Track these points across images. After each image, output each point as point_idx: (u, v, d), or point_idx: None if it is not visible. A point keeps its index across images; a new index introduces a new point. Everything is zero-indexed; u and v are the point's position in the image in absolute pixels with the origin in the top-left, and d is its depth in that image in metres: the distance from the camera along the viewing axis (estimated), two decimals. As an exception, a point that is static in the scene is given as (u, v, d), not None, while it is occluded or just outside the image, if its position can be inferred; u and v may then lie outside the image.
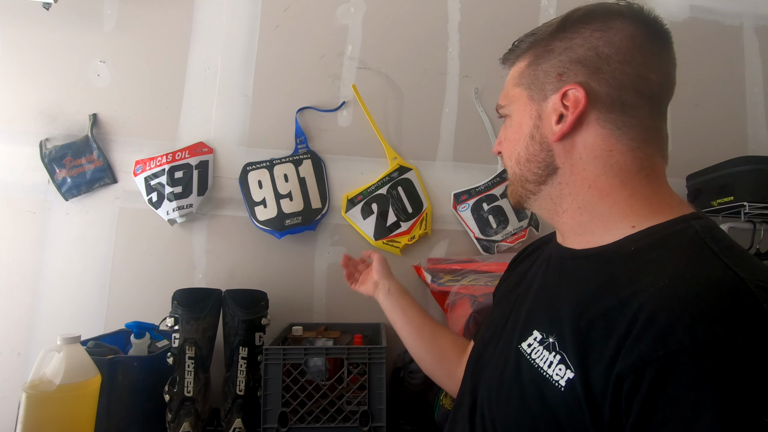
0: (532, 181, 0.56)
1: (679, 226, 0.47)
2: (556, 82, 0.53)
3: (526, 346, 0.51)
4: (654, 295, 0.40)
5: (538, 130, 0.54)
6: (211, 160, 1.27)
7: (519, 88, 0.57)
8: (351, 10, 1.34)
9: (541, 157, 0.54)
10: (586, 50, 0.51)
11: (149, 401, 0.97)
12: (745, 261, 0.41)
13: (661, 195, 0.51)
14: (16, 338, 1.21)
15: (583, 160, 0.52)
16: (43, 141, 1.24)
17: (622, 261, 0.47)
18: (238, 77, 1.31)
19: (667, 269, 0.42)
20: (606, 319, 0.43)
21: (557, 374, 0.44)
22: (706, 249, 0.43)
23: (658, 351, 0.37)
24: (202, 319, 1.00)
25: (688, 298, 0.38)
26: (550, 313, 0.51)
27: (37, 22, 1.25)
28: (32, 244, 1.23)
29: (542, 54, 0.54)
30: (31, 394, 0.82)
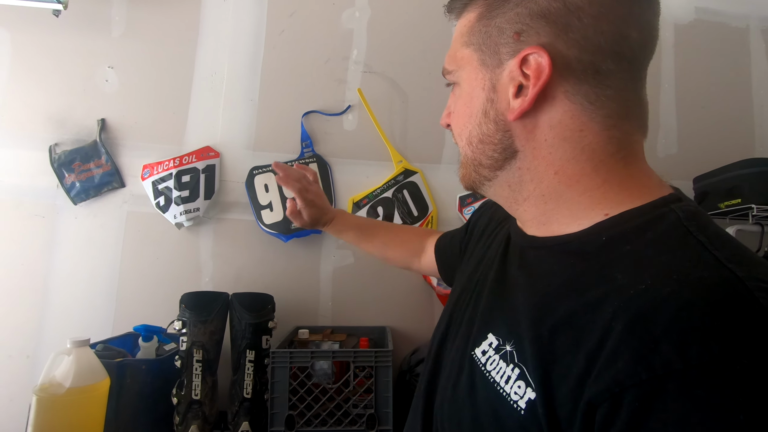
0: (487, 166, 0.45)
1: (658, 211, 0.38)
2: (513, 42, 0.40)
3: (480, 354, 0.43)
4: (632, 300, 0.32)
5: (492, 105, 0.43)
6: (218, 164, 1.28)
7: (468, 48, 0.44)
8: (356, 15, 1.35)
9: (497, 138, 0.43)
10: (555, 3, 0.39)
11: (157, 404, 0.98)
12: (739, 255, 0.33)
13: (638, 177, 0.42)
14: (26, 341, 1.22)
15: (548, 143, 0.41)
16: (53, 146, 1.25)
17: (591, 254, 0.39)
18: (244, 82, 1.32)
19: (648, 267, 0.33)
20: (572, 325, 0.35)
21: (515, 393, 0.37)
22: (691, 240, 0.34)
23: (640, 374, 0.29)
24: (210, 323, 1.00)
25: (678, 305, 0.30)
26: (508, 314, 0.43)
27: (46, 29, 1.27)
28: (41, 248, 1.24)
29: (495, 4, 0.42)
30: (41, 397, 0.82)
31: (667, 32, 1.40)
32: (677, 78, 1.39)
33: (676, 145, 1.37)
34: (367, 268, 1.28)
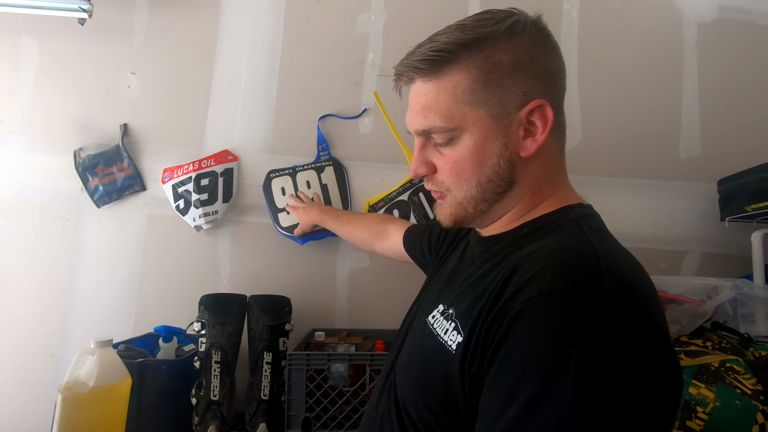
0: (489, 200, 0.55)
1: (566, 212, 0.53)
2: (520, 97, 0.52)
3: (431, 318, 0.56)
4: (523, 257, 0.47)
5: (506, 148, 0.53)
6: (236, 167, 1.30)
7: (470, 106, 0.52)
8: (372, 18, 1.35)
9: (506, 174, 0.54)
10: (533, 64, 0.52)
11: (177, 404, 1.00)
12: (606, 239, 0.49)
13: (564, 186, 0.57)
14: (50, 340, 1.25)
15: (535, 170, 0.55)
16: (77, 150, 1.29)
17: (518, 242, 0.53)
18: (261, 86, 1.33)
19: (542, 241, 0.49)
20: (487, 283, 0.49)
21: (450, 339, 0.49)
22: (578, 228, 0.50)
23: (516, 301, 0.43)
24: (228, 324, 1.02)
25: (548, 259, 0.44)
26: (452, 289, 0.56)
27: (72, 37, 1.30)
28: (66, 250, 1.28)
29: (487, 67, 0.51)
30: (66, 396, 0.85)
31: (690, 32, 1.37)
32: (700, 78, 1.36)
33: (699, 147, 1.33)
34: (383, 270, 1.28)
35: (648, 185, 1.33)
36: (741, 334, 0.92)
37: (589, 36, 1.36)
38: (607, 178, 1.33)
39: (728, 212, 1.18)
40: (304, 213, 1.20)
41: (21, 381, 1.24)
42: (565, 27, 1.36)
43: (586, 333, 0.38)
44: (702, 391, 0.76)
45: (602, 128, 1.34)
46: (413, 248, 0.93)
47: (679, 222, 1.32)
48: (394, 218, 1.13)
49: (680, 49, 1.37)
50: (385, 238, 1.05)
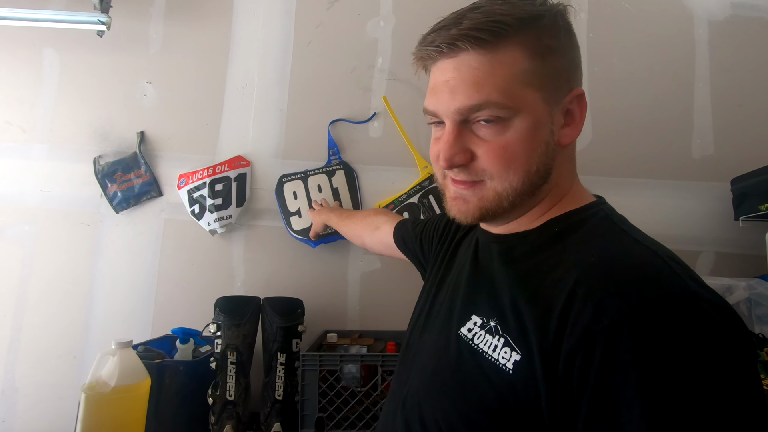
0: (527, 194, 0.51)
1: (592, 210, 0.52)
2: (566, 83, 0.51)
3: (466, 331, 0.51)
4: (586, 271, 0.44)
5: (552, 137, 0.50)
6: (249, 172, 1.32)
7: (529, 88, 0.49)
8: (381, 24, 1.37)
9: (549, 164, 0.51)
10: (573, 53, 0.53)
11: (194, 404, 1.02)
12: (647, 238, 0.49)
13: (577, 185, 0.56)
14: (73, 342, 1.30)
15: (564, 162, 0.53)
16: (96, 158, 1.33)
17: (550, 242, 0.51)
18: (273, 92, 1.36)
19: (592, 247, 0.47)
20: (543, 297, 0.45)
21: (503, 357, 0.45)
22: (616, 227, 0.50)
23: (603, 321, 0.39)
24: (243, 326, 1.04)
25: (619, 270, 0.43)
26: (487, 297, 0.52)
27: (91, 48, 1.35)
28: (86, 254, 1.32)
29: (540, 49, 0.49)
30: (89, 395, 0.88)
31: (701, 30, 1.36)
32: (712, 76, 1.34)
33: (712, 146, 1.32)
34: (394, 272, 1.29)
35: (660, 185, 1.32)
36: (756, 335, 0.91)
37: (599, 36, 1.36)
38: (618, 178, 1.33)
39: (742, 211, 1.16)
40: (317, 214, 1.24)
41: (45, 382, 1.28)
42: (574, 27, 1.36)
43: (702, 345, 0.37)
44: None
45: (613, 129, 1.34)
46: (405, 243, 0.90)
47: (693, 222, 1.31)
48: (388, 212, 1.12)
49: (692, 47, 1.36)
50: (375, 230, 1.04)
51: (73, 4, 1.37)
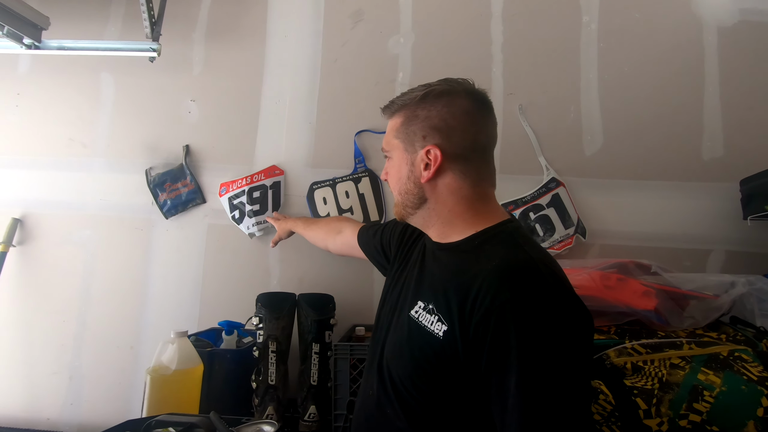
0: (410, 206, 0.77)
1: (500, 228, 0.73)
2: (422, 140, 0.74)
3: (413, 313, 0.74)
4: (489, 272, 0.65)
5: (412, 173, 0.75)
6: (283, 180, 1.45)
7: (396, 140, 0.77)
8: (401, 41, 1.48)
9: (414, 192, 0.76)
10: (439, 121, 0.73)
11: (240, 388, 1.15)
12: (535, 248, 0.70)
13: (490, 210, 0.76)
14: (130, 335, 1.45)
15: (443, 195, 0.75)
16: (148, 169, 1.49)
17: (469, 252, 0.72)
18: (303, 107, 1.49)
19: (495, 256, 0.68)
20: (462, 289, 0.67)
21: (437, 329, 0.68)
22: (514, 241, 0.71)
23: (494, 304, 0.62)
24: (281, 319, 1.16)
25: (505, 270, 0.65)
26: (428, 288, 0.75)
27: (142, 71, 1.51)
28: (140, 256, 1.48)
29: (411, 117, 0.75)
30: (153, 377, 1.02)
31: (710, 36, 1.41)
32: (722, 81, 1.39)
33: (721, 148, 1.37)
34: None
35: (671, 186, 1.38)
36: (757, 328, 0.97)
37: (609, 46, 1.43)
38: (630, 181, 1.39)
39: (750, 211, 1.21)
40: (282, 223, 1.37)
41: (107, 369, 1.44)
42: (584, 38, 1.44)
43: (551, 321, 0.60)
44: (710, 378, 0.83)
45: (624, 133, 1.40)
46: (368, 246, 1.09)
47: (703, 221, 1.36)
48: (349, 219, 1.30)
49: (701, 53, 1.41)
50: (337, 234, 1.21)
51: (126, 34, 1.55)
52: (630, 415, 0.83)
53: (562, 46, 1.44)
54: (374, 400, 0.76)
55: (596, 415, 0.85)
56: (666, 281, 1.06)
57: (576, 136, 1.41)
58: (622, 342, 0.92)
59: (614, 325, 1.02)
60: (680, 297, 1.01)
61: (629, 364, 0.87)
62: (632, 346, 0.91)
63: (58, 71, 1.55)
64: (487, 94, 0.77)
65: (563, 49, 1.44)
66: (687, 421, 0.80)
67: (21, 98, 1.56)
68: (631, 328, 1.01)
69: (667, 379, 0.84)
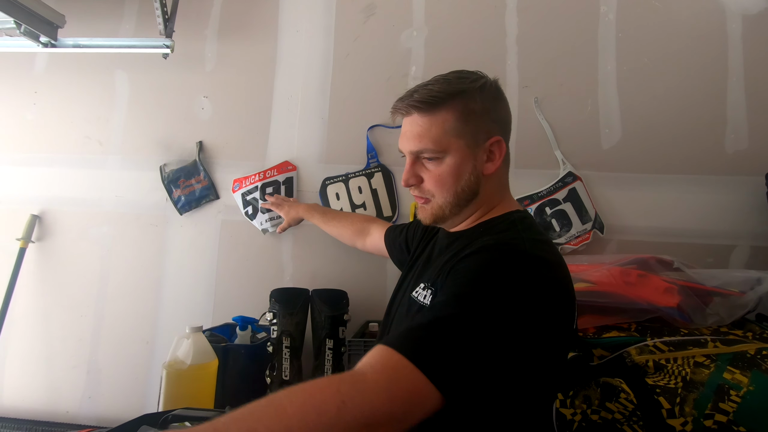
0: (461, 205, 0.76)
1: (508, 216, 0.76)
2: (486, 134, 0.74)
3: (415, 294, 0.76)
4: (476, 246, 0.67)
5: (475, 168, 0.74)
6: (295, 176, 1.45)
7: (454, 137, 0.73)
8: (414, 34, 1.46)
9: (474, 186, 0.75)
10: (498, 115, 0.76)
11: (254, 382, 1.16)
12: (533, 231, 0.72)
13: (508, 199, 0.80)
14: (145, 329, 1.47)
15: (493, 185, 0.77)
16: (162, 166, 1.50)
17: (475, 237, 0.73)
18: (316, 102, 1.48)
19: (492, 236, 0.71)
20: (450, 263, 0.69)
21: (426, 299, 0.72)
22: (513, 227, 0.73)
23: (467, 251, 0.66)
24: (295, 315, 1.16)
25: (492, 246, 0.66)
26: (430, 271, 0.78)
27: (155, 69, 1.51)
28: (155, 252, 1.49)
29: (466, 112, 0.72)
30: (169, 372, 1.02)
31: (734, 24, 1.36)
32: (747, 70, 1.34)
33: (746, 141, 1.33)
34: (430, 267, 1.38)
35: (693, 180, 1.34)
36: (788, 324, 0.94)
37: (627, 36, 1.39)
38: (650, 175, 1.35)
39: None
40: (291, 208, 1.33)
41: (123, 363, 1.46)
42: (602, 29, 1.40)
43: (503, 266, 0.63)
44: (736, 377, 0.80)
45: (644, 126, 1.36)
46: (392, 247, 1.10)
47: (726, 216, 1.32)
48: (375, 218, 1.28)
49: (724, 42, 1.36)
50: (367, 236, 1.21)
51: (140, 31, 1.55)
52: (652, 415, 0.80)
53: (578, 37, 1.40)
54: None
55: (617, 414, 0.83)
56: (689, 277, 1.03)
57: (593, 129, 1.38)
58: (643, 339, 0.90)
59: (635, 323, 0.99)
60: (704, 294, 0.98)
61: (651, 362, 0.85)
62: (654, 344, 0.88)
63: (73, 69, 1.57)
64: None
65: (580, 40, 1.40)
66: (713, 421, 0.78)
67: (38, 96, 1.58)
68: (653, 325, 0.98)
69: (692, 377, 0.82)
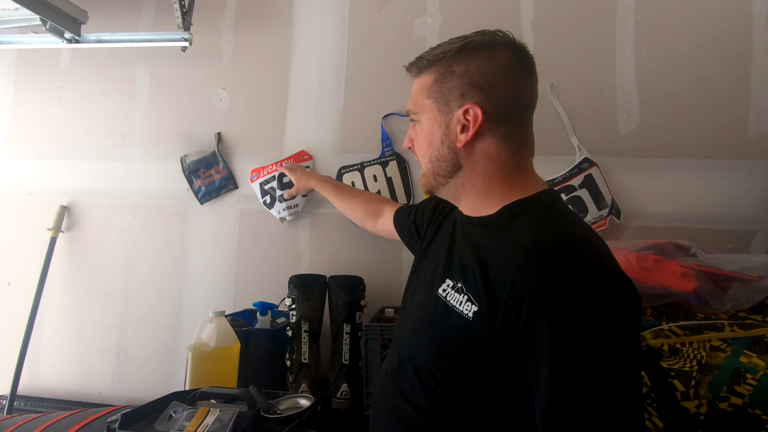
0: (442, 175, 0.71)
1: (535, 199, 0.67)
2: (459, 99, 0.67)
3: (441, 291, 0.68)
4: (521, 251, 0.60)
5: (446, 137, 0.69)
6: (312, 165, 1.47)
7: (428, 100, 0.70)
8: (428, 21, 1.46)
9: (448, 158, 0.70)
10: (479, 77, 0.66)
11: (274, 365, 1.20)
12: (574, 221, 0.65)
13: (527, 179, 0.70)
14: (169, 315, 1.53)
15: (480, 162, 0.69)
16: (183, 157, 1.54)
17: (501, 228, 0.66)
18: (330, 92, 1.50)
19: (528, 231, 0.63)
20: (492, 268, 0.61)
21: (465, 309, 0.62)
22: (549, 216, 0.65)
23: (527, 288, 0.55)
24: (313, 300, 1.19)
25: (539, 250, 0.59)
26: (457, 265, 0.69)
27: (175, 62, 1.55)
28: (178, 241, 1.54)
29: (445, 73, 0.68)
30: (194, 354, 1.07)
31: (759, 3, 1.32)
32: (772, 51, 1.31)
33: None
34: (445, 254, 1.39)
35: (713, 165, 1.31)
36: (807, 311, 0.93)
37: (647, 18, 1.36)
38: (669, 159, 1.33)
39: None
40: (304, 176, 1.33)
41: (149, 347, 1.53)
42: (620, 12, 1.37)
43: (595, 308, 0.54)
44: (753, 360, 0.80)
45: (662, 110, 1.34)
46: (402, 228, 1.06)
47: (748, 201, 1.29)
48: (388, 200, 1.24)
49: (748, 22, 1.32)
50: (378, 217, 1.17)
51: (158, 25, 1.59)
52: (666, 397, 0.81)
53: (596, 20, 1.38)
54: (392, 378, 0.73)
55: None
56: (707, 262, 1.02)
57: (610, 114, 1.36)
58: (658, 323, 0.90)
59: (650, 307, 0.99)
60: (722, 278, 0.97)
61: (666, 345, 0.85)
62: (669, 328, 0.88)
63: (96, 64, 1.62)
64: (527, 49, 0.69)
65: (597, 23, 1.38)
66: (728, 404, 0.78)
67: (64, 91, 1.64)
68: (669, 310, 0.98)
69: (707, 361, 0.82)
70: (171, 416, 0.82)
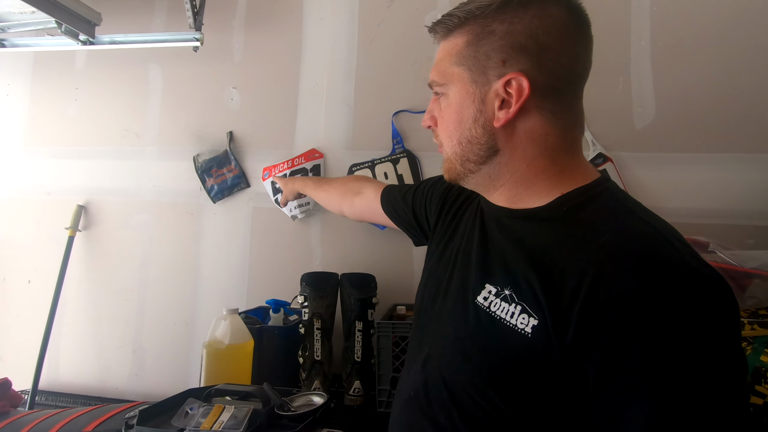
0: (474, 161, 0.58)
1: (597, 189, 0.56)
2: (499, 67, 0.54)
3: (482, 300, 0.56)
4: (598, 251, 0.48)
5: (481, 115, 0.56)
6: (323, 163, 1.48)
7: (459, 67, 0.56)
8: (438, 17, 1.44)
9: (483, 140, 0.56)
10: (526, 38, 0.52)
11: (287, 362, 1.21)
12: (650, 215, 0.53)
13: (580, 165, 0.59)
14: (184, 312, 1.55)
15: (522, 143, 0.56)
16: (195, 156, 1.55)
17: (557, 221, 0.54)
18: (341, 89, 1.49)
19: (602, 227, 0.51)
20: (556, 272, 0.49)
21: (521, 323, 0.50)
22: (622, 207, 0.54)
23: (614, 299, 0.44)
24: (325, 297, 1.20)
25: (624, 251, 0.47)
26: (501, 268, 0.56)
27: (186, 62, 1.56)
28: (191, 239, 1.56)
29: (482, 34, 0.54)
30: (209, 351, 1.08)
31: (781, -10, 1.28)
32: (794, 40, 1.27)
33: (791, 116, 1.26)
34: (456, 251, 1.39)
35: (733, 159, 1.28)
36: (830, 308, 0.90)
37: (663, 10, 1.33)
38: (686, 154, 1.30)
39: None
40: (290, 181, 1.31)
41: (165, 344, 1.55)
42: (635, 3, 1.34)
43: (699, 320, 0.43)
44: (775, 359, 0.78)
45: (679, 104, 1.31)
46: (395, 210, 0.94)
47: (769, 196, 1.26)
48: (368, 178, 1.15)
49: (764, 11, 1.28)
50: (355, 196, 1.05)
51: (170, 25, 1.60)
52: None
53: (610, 12, 1.35)
54: (418, 405, 0.59)
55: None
56: (725, 259, 1.00)
57: (625, 108, 1.33)
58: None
59: (667, 305, 0.97)
60: (741, 276, 0.95)
61: (684, 344, 0.84)
62: (687, 326, 0.87)
63: (110, 65, 1.64)
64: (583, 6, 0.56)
65: (611, 15, 1.35)
66: (748, 404, 0.76)
67: (79, 92, 1.67)
68: (686, 308, 0.96)
69: (726, 360, 0.80)
70: (187, 413, 0.83)
